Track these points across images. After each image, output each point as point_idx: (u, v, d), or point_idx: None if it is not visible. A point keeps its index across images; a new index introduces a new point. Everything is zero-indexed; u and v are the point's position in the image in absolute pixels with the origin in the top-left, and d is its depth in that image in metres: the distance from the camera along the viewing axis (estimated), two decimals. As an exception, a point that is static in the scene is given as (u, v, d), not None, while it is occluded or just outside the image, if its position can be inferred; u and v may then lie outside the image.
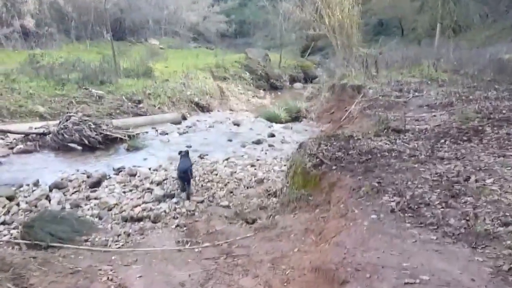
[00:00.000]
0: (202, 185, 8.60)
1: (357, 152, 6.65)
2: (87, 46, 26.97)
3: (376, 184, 5.24)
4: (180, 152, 8.75)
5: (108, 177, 9.04)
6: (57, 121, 11.84)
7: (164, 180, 8.75)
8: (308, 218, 5.71)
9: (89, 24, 28.63)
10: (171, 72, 20.13)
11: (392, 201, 4.74)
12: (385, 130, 8.07)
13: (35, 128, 11.81)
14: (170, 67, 21.23)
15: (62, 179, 8.83)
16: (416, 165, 5.87)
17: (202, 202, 7.84)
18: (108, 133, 11.52)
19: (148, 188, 8.28)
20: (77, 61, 16.75)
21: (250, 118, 16.24)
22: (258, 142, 12.54)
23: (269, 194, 8.20)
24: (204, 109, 17.19)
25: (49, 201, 7.54)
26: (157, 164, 10.04)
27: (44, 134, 11.29)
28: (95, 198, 7.80)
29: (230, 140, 12.65)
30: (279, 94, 23.14)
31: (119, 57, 20.86)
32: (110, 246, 6.04)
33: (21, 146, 10.81)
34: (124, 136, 11.69)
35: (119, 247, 5.97)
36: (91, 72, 15.96)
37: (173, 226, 6.71)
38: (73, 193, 8.07)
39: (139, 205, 7.47)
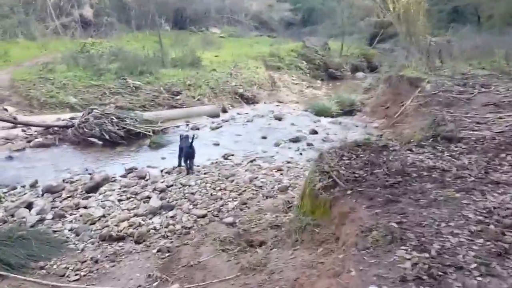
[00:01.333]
0: (211, 194, 7.28)
1: (385, 170, 5.00)
2: (147, 36, 26.41)
3: (395, 225, 3.63)
4: (181, 136, 8.81)
5: (112, 179, 7.96)
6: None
7: (170, 186, 7.53)
8: (306, 260, 4.21)
9: (149, 14, 28.07)
10: (220, 62, 18.98)
11: (408, 260, 3.13)
12: (433, 138, 6.30)
13: (62, 120, 11.08)
14: (221, 56, 20.06)
15: (63, 181, 7.88)
16: (459, 195, 4.18)
17: (204, 216, 6.53)
18: (131, 127, 10.50)
19: (147, 197, 7.07)
20: (120, 51, 15.92)
21: (297, 111, 14.68)
22: (295, 140, 11.02)
23: (289, 207, 6.77)
24: (249, 101, 15.79)
25: (29, 210, 6.53)
26: (173, 164, 8.86)
27: (66, 127, 10.48)
28: (84, 207, 6.72)
29: (265, 137, 11.23)
30: (338, 84, 21.20)
31: (175, 47, 20.04)
32: (68, 276, 4.88)
33: (40, 139, 10.05)
34: (148, 132, 10.63)
35: (77, 279, 4.80)
36: (132, 62, 15.08)
37: (155, 251, 5.45)
38: (64, 199, 7.05)
39: (128, 219, 6.27)
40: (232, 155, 9.63)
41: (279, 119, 13.23)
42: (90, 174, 8.30)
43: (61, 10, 22.96)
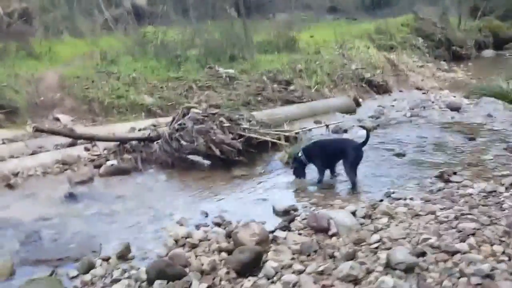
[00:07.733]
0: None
1: None
2: (209, 25, 23.31)
3: None
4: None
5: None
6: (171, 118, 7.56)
7: None
8: None
9: (209, 1, 24.90)
10: (319, 43, 15.36)
11: None
12: None
13: (139, 130, 7.74)
14: (318, 36, 16.40)
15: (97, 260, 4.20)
16: None
17: None
18: (252, 135, 6.91)
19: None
20: (197, 35, 12.53)
21: (461, 98, 10.88)
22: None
23: None
24: (379, 89, 12.16)
25: None
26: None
27: (150, 140, 7.02)
28: None
29: (462, 150, 7.14)
30: (469, 65, 17.21)
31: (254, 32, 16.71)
32: None
33: (113, 161, 6.62)
34: (280, 139, 7.02)
35: None
36: (217, 46, 11.69)
37: None
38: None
39: None
40: (393, 193, 5.33)
41: (456, 109, 9.66)
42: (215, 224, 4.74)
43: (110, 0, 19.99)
